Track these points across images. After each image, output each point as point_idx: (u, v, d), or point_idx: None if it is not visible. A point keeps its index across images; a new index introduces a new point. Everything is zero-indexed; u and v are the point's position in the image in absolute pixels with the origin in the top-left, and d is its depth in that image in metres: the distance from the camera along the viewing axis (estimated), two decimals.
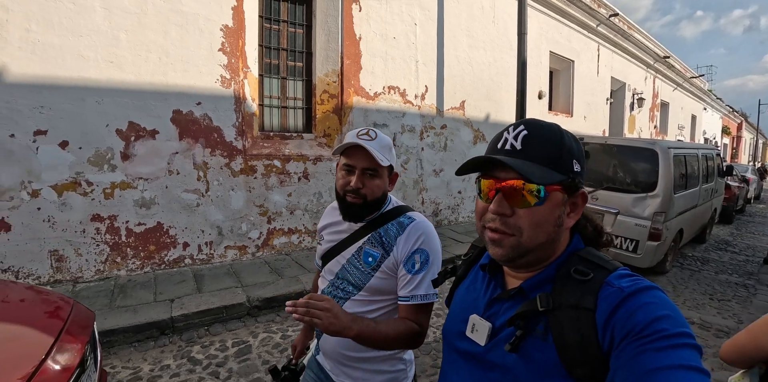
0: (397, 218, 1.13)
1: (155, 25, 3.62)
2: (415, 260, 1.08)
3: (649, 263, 4.55)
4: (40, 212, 3.30)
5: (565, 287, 0.61)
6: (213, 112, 3.93)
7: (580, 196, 0.66)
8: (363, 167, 1.07)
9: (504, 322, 0.66)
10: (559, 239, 0.65)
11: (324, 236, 1.24)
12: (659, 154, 4.58)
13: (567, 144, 0.63)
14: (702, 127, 19.39)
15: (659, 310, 0.53)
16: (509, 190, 0.61)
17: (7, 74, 3.12)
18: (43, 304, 1.75)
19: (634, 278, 0.59)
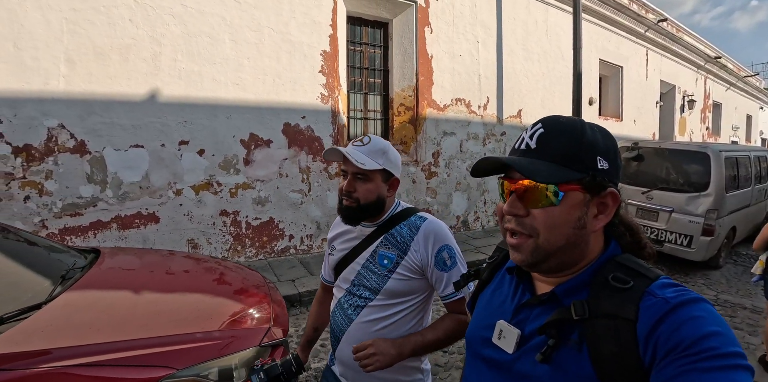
0: (408, 219, 1.15)
1: (270, 52, 4.40)
2: (444, 257, 1.10)
3: (702, 256, 4.80)
4: (182, 208, 4.12)
5: (603, 295, 0.56)
6: (314, 124, 4.70)
7: (609, 195, 0.60)
8: (353, 172, 1.09)
9: (534, 329, 0.62)
10: (585, 243, 0.60)
11: (335, 246, 1.24)
12: (711, 156, 4.86)
13: (588, 140, 0.59)
14: (758, 128, 18.33)
15: (709, 325, 0.49)
16: (521, 190, 0.59)
17: (159, 96, 4.02)
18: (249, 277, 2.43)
19: (679, 288, 0.55)
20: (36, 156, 3.60)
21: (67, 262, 2.11)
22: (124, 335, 1.51)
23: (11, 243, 2.09)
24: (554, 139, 0.59)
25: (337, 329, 1.18)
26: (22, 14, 3.48)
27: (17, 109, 3.53)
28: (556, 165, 0.58)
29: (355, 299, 1.15)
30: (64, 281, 1.90)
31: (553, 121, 0.61)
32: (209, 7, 4.08)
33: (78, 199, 3.75)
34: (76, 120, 3.70)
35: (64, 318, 1.58)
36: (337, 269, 1.23)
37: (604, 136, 0.61)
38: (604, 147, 0.60)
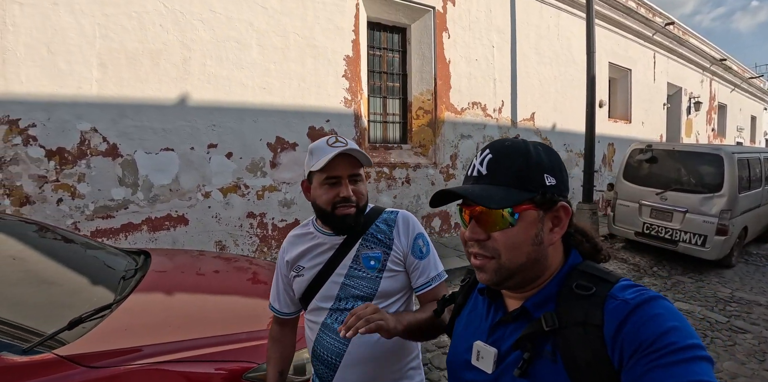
0: (381, 216, 1.10)
1: (295, 57, 4.47)
2: (419, 244, 1.08)
3: (716, 255, 4.87)
4: (210, 210, 4.19)
5: (570, 304, 0.58)
6: (338, 128, 4.74)
7: (560, 209, 0.62)
8: (349, 174, 1.02)
9: (510, 346, 0.62)
10: (544, 257, 0.62)
11: (303, 265, 1.10)
12: (724, 158, 4.93)
13: (534, 159, 0.61)
14: (763, 128, 18.46)
15: (667, 321, 0.51)
16: (478, 215, 0.61)
17: (189, 100, 4.08)
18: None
19: (638, 288, 0.57)
20: (69, 159, 3.65)
21: (120, 263, 2.16)
22: (200, 332, 1.56)
23: (71, 246, 2.15)
24: (502, 163, 0.61)
25: (332, 356, 1.04)
26: (56, 19, 3.54)
27: (51, 112, 3.58)
28: (508, 188, 0.59)
29: (345, 314, 1.03)
30: (124, 281, 1.95)
31: (500, 145, 0.63)
32: (237, 13, 4.15)
33: (110, 201, 3.80)
34: (109, 123, 3.75)
35: (140, 317, 1.63)
36: (311, 289, 1.08)
37: (548, 154, 0.63)
38: (549, 164, 0.62)
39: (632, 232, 5.60)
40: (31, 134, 3.55)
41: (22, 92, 3.51)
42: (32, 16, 3.48)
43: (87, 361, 1.31)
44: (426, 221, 5.62)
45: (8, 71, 3.46)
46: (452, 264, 4.67)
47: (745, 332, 3.42)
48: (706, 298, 4.22)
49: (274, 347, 1.20)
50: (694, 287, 4.53)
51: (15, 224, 2.10)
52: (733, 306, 4.02)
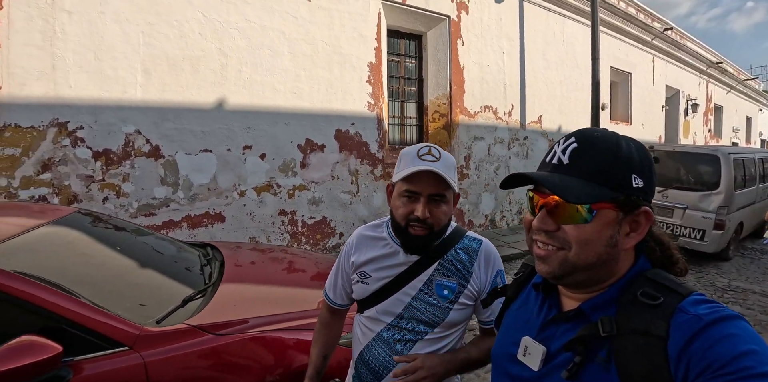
0: (462, 242, 1.05)
1: (323, 64, 4.74)
2: (498, 282, 1.04)
3: (714, 249, 5.23)
4: (245, 208, 4.46)
5: (632, 311, 0.55)
6: (362, 130, 5.04)
7: (642, 214, 0.58)
8: (430, 193, 0.94)
9: (560, 346, 0.60)
10: (615, 261, 0.58)
11: (369, 273, 1.06)
12: (721, 158, 5.29)
13: (624, 156, 0.57)
14: (758, 129, 18.98)
15: (744, 344, 0.47)
16: (552, 206, 0.58)
17: (226, 104, 4.34)
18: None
19: (712, 304, 0.53)
20: (114, 160, 3.90)
21: (193, 253, 2.42)
22: (287, 308, 1.83)
23: (149, 238, 2.41)
24: (588, 154, 0.57)
25: (380, 367, 1.03)
26: (102, 27, 3.78)
27: (97, 115, 3.83)
28: (589, 182, 0.56)
29: (404, 333, 1.01)
30: (205, 268, 2.23)
31: (588, 135, 0.59)
32: (270, 22, 4.42)
33: (152, 200, 4.05)
34: (151, 126, 4.01)
35: (237, 296, 1.90)
36: (372, 299, 1.05)
37: (640, 151, 0.59)
38: (640, 163, 0.58)
39: None
40: (79, 136, 3.78)
41: (71, 96, 3.74)
42: (80, 24, 3.70)
43: (213, 329, 1.59)
44: None
45: (58, 76, 3.70)
46: None
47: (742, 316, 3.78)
48: (706, 287, 4.59)
49: (322, 331, 1.20)
50: (695, 278, 4.90)
51: (101, 219, 2.36)
52: (730, 294, 4.40)
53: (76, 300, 1.44)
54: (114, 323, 1.43)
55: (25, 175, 3.61)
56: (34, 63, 3.55)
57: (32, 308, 1.34)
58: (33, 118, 3.60)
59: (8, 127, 3.59)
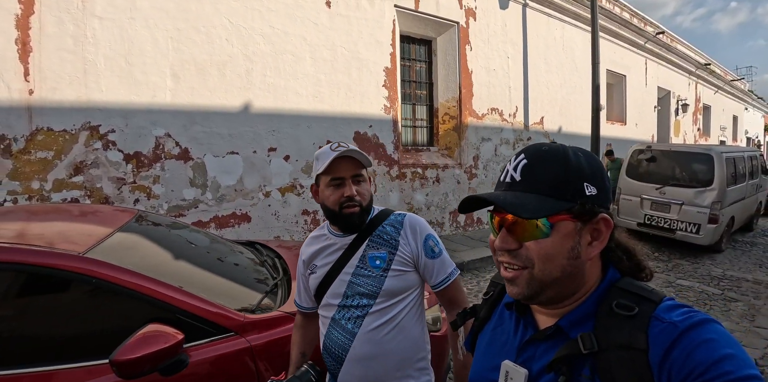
0: (388, 219, 1.17)
1: (343, 68, 4.95)
2: (431, 244, 1.15)
3: (709, 241, 5.63)
4: (270, 208, 4.65)
5: (610, 325, 0.55)
6: (379, 132, 5.25)
7: (601, 221, 0.58)
8: (352, 175, 1.10)
9: (543, 367, 0.59)
10: (581, 272, 0.58)
11: (317, 264, 1.20)
12: (714, 157, 5.70)
13: (573, 166, 0.57)
14: (744, 127, 19.76)
15: (722, 348, 0.47)
16: (510, 224, 0.58)
17: (252, 108, 4.52)
18: None
19: (685, 309, 0.53)
20: (145, 162, 4.05)
21: (246, 252, 2.61)
22: None
23: (206, 237, 2.60)
24: (538, 169, 0.58)
25: (338, 350, 1.12)
26: (132, 32, 3.92)
27: (128, 119, 3.97)
28: (543, 196, 0.56)
29: (352, 310, 1.12)
30: (268, 264, 2.43)
31: (536, 150, 0.60)
32: (292, 28, 4.62)
33: (182, 201, 4.21)
34: (181, 129, 4.17)
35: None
36: (322, 287, 1.18)
37: (589, 160, 0.60)
38: (590, 171, 0.58)
39: (635, 223, 6.31)
40: (111, 139, 3.92)
41: (102, 100, 3.88)
42: (111, 29, 3.83)
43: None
44: (453, 216, 6.19)
45: (89, 81, 3.82)
46: (477, 254, 5.24)
47: (736, 301, 4.19)
48: (702, 276, 4.98)
49: (298, 333, 1.32)
50: (692, 268, 5.29)
51: (168, 222, 2.54)
52: (725, 282, 4.79)
53: (188, 293, 1.60)
54: (222, 312, 1.60)
55: (57, 178, 3.72)
56: (66, 67, 3.68)
57: (151, 301, 1.50)
58: (65, 122, 3.72)
59: (41, 130, 3.70)
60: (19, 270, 1.39)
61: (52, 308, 1.48)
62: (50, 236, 1.69)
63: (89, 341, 1.47)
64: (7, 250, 1.39)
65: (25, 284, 1.45)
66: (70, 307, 1.50)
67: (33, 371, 1.30)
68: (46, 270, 1.40)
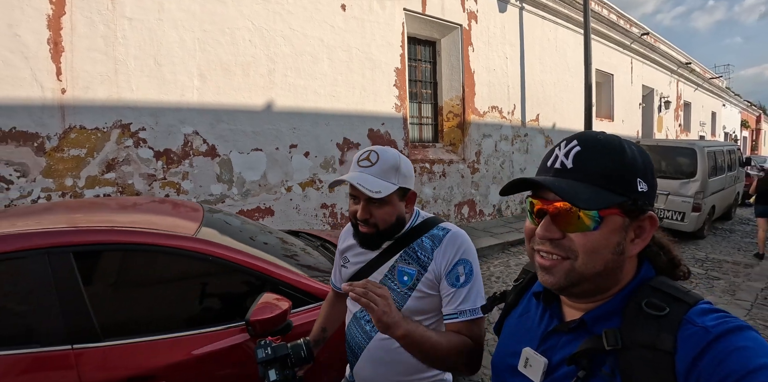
0: (430, 231, 1.07)
1: (357, 69, 5.27)
2: (459, 272, 1.02)
3: (693, 228, 6.22)
4: (291, 202, 4.93)
5: (637, 323, 0.54)
6: (391, 130, 5.60)
7: (647, 219, 0.58)
8: (367, 197, 1.00)
9: (562, 359, 0.59)
10: (620, 268, 0.58)
11: (349, 258, 1.17)
12: (697, 151, 6.29)
13: (629, 160, 0.56)
14: (722, 123, 20.75)
15: (756, 358, 0.45)
16: (557, 213, 0.56)
17: (274, 106, 4.81)
18: None
19: (720, 314, 0.52)
20: (174, 159, 4.29)
21: (295, 237, 2.90)
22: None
23: (258, 225, 2.88)
24: (592, 158, 0.56)
25: (355, 346, 1.12)
26: (161, 33, 4.13)
27: (158, 117, 4.21)
28: (596, 188, 0.55)
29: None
30: (318, 248, 2.74)
31: (591, 138, 0.59)
32: (311, 30, 4.92)
33: (209, 196, 4.48)
34: (208, 127, 4.43)
35: None
36: (352, 281, 1.10)
37: (643, 156, 0.59)
38: (643, 167, 0.58)
39: None
40: (141, 137, 4.15)
41: (133, 99, 4.09)
42: (140, 30, 4.03)
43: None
44: (457, 208, 6.60)
45: (120, 80, 4.04)
46: (485, 243, 5.65)
47: (719, 279, 4.77)
48: (688, 259, 5.58)
49: (325, 308, 1.33)
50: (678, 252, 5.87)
51: (234, 216, 2.82)
52: (708, 263, 5.40)
53: (286, 267, 1.86)
54: (315, 285, 1.87)
55: (90, 175, 3.92)
56: (98, 67, 3.87)
57: (256, 274, 1.74)
58: (97, 120, 3.92)
59: (73, 128, 3.88)
60: (146, 250, 1.59)
61: (178, 282, 1.73)
62: (150, 222, 1.87)
63: (212, 309, 1.73)
64: (134, 233, 1.62)
65: (154, 261, 1.67)
66: (192, 281, 1.75)
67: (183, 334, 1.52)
68: (168, 249, 1.61)
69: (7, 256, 1.40)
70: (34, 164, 3.70)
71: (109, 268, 1.60)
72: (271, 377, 0.98)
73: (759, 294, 4.24)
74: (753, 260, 5.59)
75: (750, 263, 5.46)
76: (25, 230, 1.49)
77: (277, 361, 1.03)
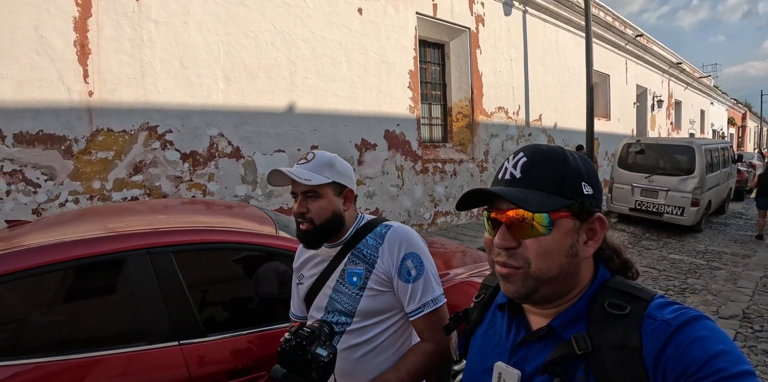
0: (373, 230, 1.10)
1: (374, 72, 5.41)
2: (409, 266, 1.04)
3: (691, 222, 6.54)
4: None
5: (603, 324, 0.56)
6: (405, 130, 5.75)
7: (597, 221, 0.61)
8: (302, 191, 1.05)
9: (536, 368, 0.60)
10: (577, 271, 0.60)
11: (304, 274, 1.18)
12: (695, 149, 6.61)
13: (572, 166, 0.60)
14: (710, 120, 21.45)
15: (714, 345, 0.49)
16: (510, 221, 0.58)
17: (295, 108, 4.91)
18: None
19: (676, 306, 0.55)
20: (200, 161, 4.36)
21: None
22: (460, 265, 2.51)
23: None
24: (538, 166, 0.60)
25: None
26: (186, 36, 4.19)
27: (184, 120, 4.27)
28: (544, 193, 0.58)
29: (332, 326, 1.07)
30: None
31: (534, 149, 0.62)
32: (330, 34, 5.02)
33: (234, 197, 4.55)
34: (232, 129, 4.50)
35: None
36: (308, 298, 1.16)
37: (584, 162, 0.62)
38: (587, 173, 0.61)
39: (626, 208, 7.16)
40: (168, 139, 4.21)
41: (160, 101, 4.15)
42: (166, 33, 4.09)
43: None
44: None
45: (147, 83, 4.08)
46: None
47: (720, 269, 5.07)
48: (689, 251, 5.89)
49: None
50: (679, 245, 6.22)
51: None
52: (708, 255, 5.72)
53: None
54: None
55: (118, 178, 3.96)
56: (125, 70, 3.92)
57: None
58: (124, 123, 3.96)
59: (101, 131, 3.92)
60: (240, 248, 1.69)
61: (270, 277, 1.81)
62: (232, 222, 2.00)
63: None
64: (229, 233, 1.72)
65: (245, 259, 1.76)
66: (282, 276, 1.80)
67: (277, 327, 1.59)
68: (259, 247, 1.70)
69: (111, 257, 1.47)
70: (62, 167, 3.71)
71: (206, 265, 1.69)
72: (321, 353, 0.93)
73: (759, 282, 4.56)
74: (750, 251, 5.93)
75: (747, 253, 5.79)
76: (125, 231, 1.57)
77: (318, 337, 0.97)
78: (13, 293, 1.40)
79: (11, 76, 3.46)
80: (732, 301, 3.95)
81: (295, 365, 0.92)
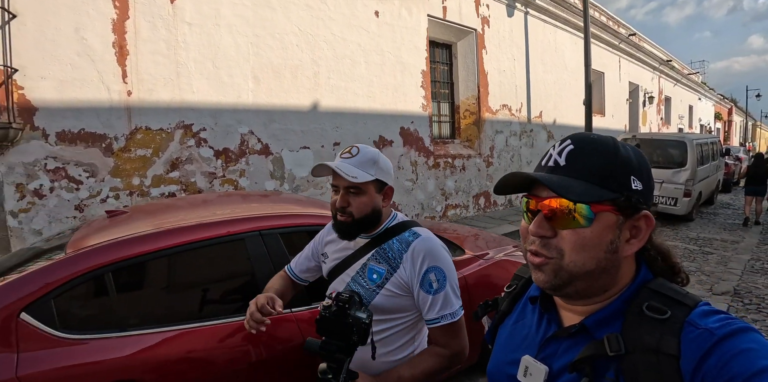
0: (402, 234, 1.14)
1: (390, 71, 5.75)
2: (431, 279, 1.08)
3: (683, 212, 7.08)
4: None
5: (639, 327, 0.54)
6: (419, 128, 6.11)
7: (643, 219, 0.58)
8: (345, 186, 1.09)
9: (564, 366, 0.59)
10: (616, 269, 0.57)
11: (328, 254, 1.24)
12: (687, 143, 7.17)
13: (622, 158, 0.57)
14: (698, 116, 22.21)
15: (760, 360, 0.46)
16: (549, 209, 0.56)
17: (319, 107, 5.23)
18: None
19: (722, 315, 0.52)
20: (232, 158, 4.65)
21: None
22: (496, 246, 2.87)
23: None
24: (585, 156, 0.57)
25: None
26: (218, 38, 4.46)
27: (217, 118, 4.55)
28: (588, 183, 0.55)
29: None
30: None
31: (584, 137, 0.59)
32: (350, 35, 5.34)
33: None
34: (262, 127, 4.80)
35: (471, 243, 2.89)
36: (330, 277, 1.24)
37: (637, 155, 0.59)
38: (638, 166, 0.58)
39: None
40: (202, 137, 4.49)
41: (194, 101, 4.41)
42: (199, 35, 4.35)
43: (480, 257, 2.60)
44: (474, 199, 7.18)
45: (182, 83, 4.33)
46: (504, 230, 6.23)
47: (712, 253, 5.58)
48: (683, 238, 6.45)
49: (278, 282, 1.36)
50: (673, 233, 6.80)
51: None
52: (700, 241, 6.27)
53: None
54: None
55: (156, 174, 4.21)
56: (161, 70, 4.16)
57: None
58: (161, 121, 4.22)
59: (139, 129, 4.16)
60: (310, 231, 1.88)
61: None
62: (297, 208, 2.29)
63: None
64: (312, 216, 1.97)
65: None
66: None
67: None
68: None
69: (235, 237, 1.72)
70: (103, 164, 3.93)
71: (302, 245, 1.97)
72: (362, 316, 0.97)
73: (747, 264, 5.07)
74: (738, 237, 6.50)
75: (736, 239, 6.37)
76: (241, 216, 1.88)
77: (357, 301, 1.02)
78: (165, 268, 1.70)
79: (53, 76, 3.66)
80: (723, 280, 4.42)
81: (333, 331, 0.98)
